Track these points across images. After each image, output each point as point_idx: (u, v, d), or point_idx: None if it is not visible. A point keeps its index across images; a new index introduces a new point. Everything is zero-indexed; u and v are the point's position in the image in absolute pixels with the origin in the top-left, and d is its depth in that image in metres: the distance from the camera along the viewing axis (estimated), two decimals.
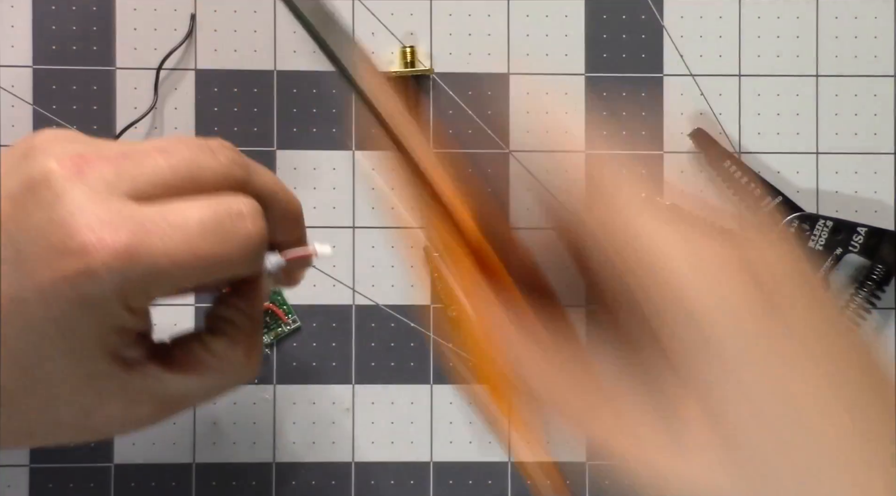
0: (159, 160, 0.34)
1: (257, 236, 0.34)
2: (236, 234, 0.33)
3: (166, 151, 0.34)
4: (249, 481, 0.50)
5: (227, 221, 0.33)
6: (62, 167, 0.32)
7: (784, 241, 0.32)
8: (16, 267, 0.32)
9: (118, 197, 0.32)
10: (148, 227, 0.32)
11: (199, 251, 0.32)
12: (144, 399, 0.35)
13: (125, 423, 0.35)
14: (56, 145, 0.34)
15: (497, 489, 0.51)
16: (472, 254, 0.36)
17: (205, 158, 0.34)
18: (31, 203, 0.32)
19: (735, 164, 0.50)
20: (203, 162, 0.34)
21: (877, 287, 0.50)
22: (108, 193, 0.32)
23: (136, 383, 0.35)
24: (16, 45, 0.51)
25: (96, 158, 0.33)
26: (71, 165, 0.33)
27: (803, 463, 0.29)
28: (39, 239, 0.32)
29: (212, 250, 0.33)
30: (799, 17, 0.52)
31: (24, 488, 0.50)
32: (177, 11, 0.51)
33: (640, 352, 0.33)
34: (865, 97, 0.52)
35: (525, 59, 0.52)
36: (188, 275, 0.32)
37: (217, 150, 0.35)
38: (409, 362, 0.51)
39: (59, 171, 0.32)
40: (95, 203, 0.32)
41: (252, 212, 0.34)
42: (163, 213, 0.32)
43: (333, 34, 0.35)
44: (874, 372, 0.30)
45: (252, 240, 0.33)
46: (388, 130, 0.36)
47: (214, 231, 0.33)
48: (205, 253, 0.32)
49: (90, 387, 0.34)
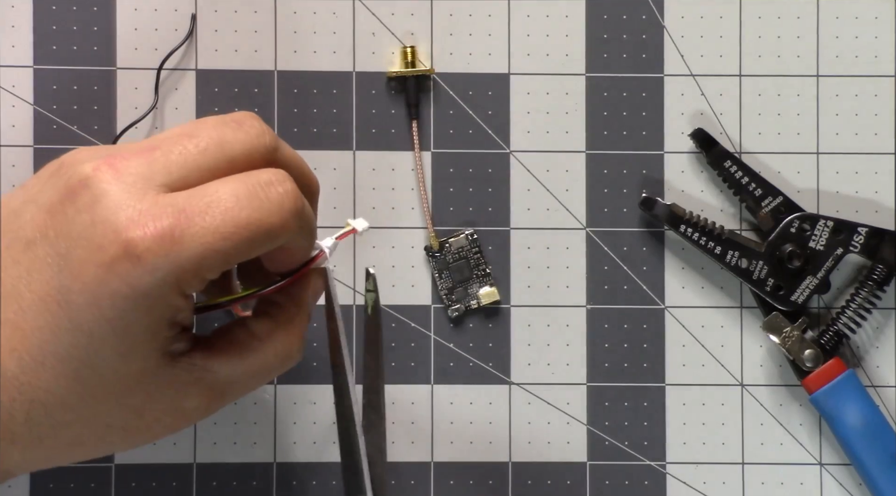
0: (188, 145, 0.35)
1: (291, 197, 0.35)
2: (270, 199, 0.34)
3: (193, 135, 0.35)
4: (250, 481, 0.50)
5: (260, 190, 0.34)
6: (97, 170, 0.33)
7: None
8: (62, 272, 0.33)
9: (155, 188, 0.33)
10: (187, 211, 0.33)
11: (238, 221, 0.33)
12: (192, 391, 0.35)
13: (175, 419, 0.36)
14: (85, 155, 0.35)
15: (497, 489, 0.51)
16: None
17: (232, 133, 0.35)
18: (72, 209, 0.33)
19: (735, 164, 0.50)
20: (231, 137, 0.35)
21: (877, 287, 0.50)
22: (144, 186, 0.33)
23: (183, 375, 0.35)
24: (16, 45, 0.51)
25: (127, 155, 0.34)
26: (105, 167, 0.33)
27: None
28: (83, 241, 0.33)
29: (250, 218, 0.34)
30: (800, 17, 0.52)
31: (25, 488, 0.50)
32: (177, 11, 0.51)
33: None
34: (866, 97, 0.52)
35: (525, 59, 0.52)
36: (234, 248, 0.33)
37: (243, 121, 0.36)
38: (409, 362, 0.51)
39: (95, 174, 0.33)
40: (134, 197, 0.33)
41: (280, 178, 0.35)
42: (199, 194, 0.34)
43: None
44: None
45: (286, 201, 0.34)
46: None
47: (249, 200, 0.34)
48: (244, 221, 0.33)
49: (140, 385, 0.34)
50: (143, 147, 0.35)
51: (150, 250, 0.32)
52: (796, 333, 0.50)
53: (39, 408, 0.34)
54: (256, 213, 0.34)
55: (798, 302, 0.50)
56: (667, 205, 0.50)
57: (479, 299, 0.51)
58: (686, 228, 0.50)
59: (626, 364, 0.51)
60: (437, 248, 0.51)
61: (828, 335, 0.50)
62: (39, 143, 0.50)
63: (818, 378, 0.50)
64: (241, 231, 0.33)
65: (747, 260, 0.50)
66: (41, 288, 0.33)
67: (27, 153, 0.50)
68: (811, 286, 0.50)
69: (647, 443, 0.51)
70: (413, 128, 0.51)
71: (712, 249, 0.50)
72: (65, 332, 0.33)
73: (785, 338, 0.50)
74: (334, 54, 0.51)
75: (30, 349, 0.33)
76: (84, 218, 0.33)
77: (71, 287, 0.33)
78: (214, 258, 0.33)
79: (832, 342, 0.50)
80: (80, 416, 0.34)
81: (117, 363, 0.33)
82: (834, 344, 0.50)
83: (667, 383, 0.52)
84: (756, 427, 0.52)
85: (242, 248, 0.34)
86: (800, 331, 0.50)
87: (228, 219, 0.33)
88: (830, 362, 0.50)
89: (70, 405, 0.34)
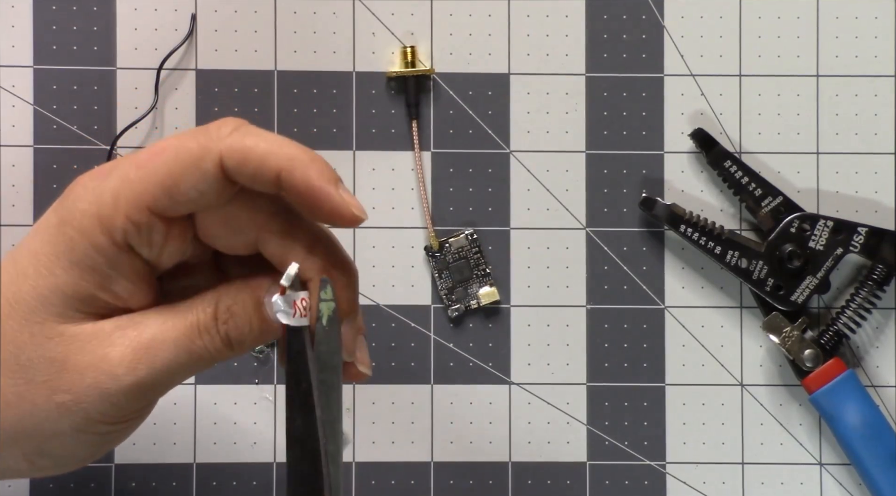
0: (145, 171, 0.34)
1: (227, 123, 0.34)
2: (197, 130, 0.34)
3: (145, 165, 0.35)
4: (250, 481, 0.51)
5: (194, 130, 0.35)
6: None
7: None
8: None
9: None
10: (127, 157, 0.34)
11: (153, 149, 0.34)
12: (116, 340, 0.34)
13: (102, 375, 0.34)
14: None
15: (497, 489, 0.51)
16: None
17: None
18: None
19: (735, 164, 0.50)
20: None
21: (877, 287, 0.50)
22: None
23: (107, 326, 0.35)
24: (16, 45, 0.51)
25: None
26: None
27: None
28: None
29: (166, 143, 0.34)
30: (800, 17, 0.52)
31: (25, 488, 0.50)
32: (177, 11, 0.51)
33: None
34: (866, 97, 0.52)
35: (525, 59, 0.52)
36: (151, 176, 0.33)
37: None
38: (409, 362, 0.51)
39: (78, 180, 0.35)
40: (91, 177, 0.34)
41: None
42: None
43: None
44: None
45: (212, 127, 0.34)
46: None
47: (175, 136, 0.34)
48: (159, 148, 0.33)
49: (62, 334, 0.35)
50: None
51: (79, 183, 0.34)
52: (796, 333, 0.50)
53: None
54: (174, 140, 0.33)
55: (798, 302, 0.50)
56: (667, 205, 0.50)
57: (479, 299, 0.51)
58: (686, 228, 0.50)
59: (626, 364, 0.51)
60: (437, 248, 0.51)
61: (828, 335, 0.50)
62: (39, 143, 0.50)
63: (818, 378, 0.50)
64: (154, 158, 0.33)
65: (747, 260, 0.50)
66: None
67: (27, 153, 0.50)
68: (811, 286, 0.50)
69: (647, 443, 0.51)
70: (413, 128, 0.51)
71: (712, 249, 0.50)
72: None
73: (785, 338, 0.50)
74: (334, 54, 0.51)
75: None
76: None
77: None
78: (129, 189, 0.33)
79: (832, 342, 0.50)
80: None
81: (35, 302, 0.34)
82: (834, 344, 0.50)
83: (667, 383, 0.52)
84: (756, 427, 0.52)
85: (160, 177, 0.33)
86: (800, 331, 0.50)
87: (147, 150, 0.34)
88: (830, 362, 0.50)
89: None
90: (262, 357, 0.51)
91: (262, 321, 0.35)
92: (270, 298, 0.34)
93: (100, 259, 0.34)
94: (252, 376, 0.51)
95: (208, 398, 0.51)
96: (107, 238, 0.33)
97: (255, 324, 0.35)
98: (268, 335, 0.35)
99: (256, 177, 0.33)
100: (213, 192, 0.33)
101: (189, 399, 0.51)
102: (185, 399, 0.51)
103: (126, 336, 0.34)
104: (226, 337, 0.35)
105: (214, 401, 0.51)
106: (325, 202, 0.33)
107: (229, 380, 0.51)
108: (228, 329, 0.35)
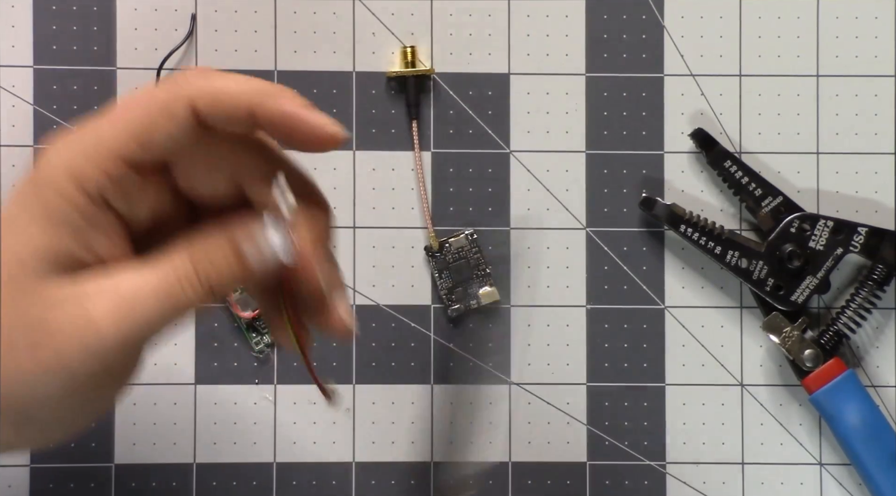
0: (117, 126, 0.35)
1: (193, 72, 0.34)
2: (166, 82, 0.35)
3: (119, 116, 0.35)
4: (250, 481, 0.51)
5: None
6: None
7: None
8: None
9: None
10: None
11: (124, 102, 0.34)
12: (96, 299, 0.34)
13: (82, 331, 0.34)
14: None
15: (498, 488, 0.51)
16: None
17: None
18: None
19: (736, 164, 0.50)
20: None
21: (877, 287, 0.50)
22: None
23: (89, 285, 0.34)
24: (16, 45, 0.51)
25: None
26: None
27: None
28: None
29: (134, 95, 0.34)
30: (800, 17, 0.52)
31: (25, 488, 0.50)
32: (177, 11, 0.51)
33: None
34: (866, 97, 0.52)
35: (525, 59, 0.52)
36: (122, 125, 0.33)
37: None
38: (409, 362, 0.51)
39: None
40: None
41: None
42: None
43: None
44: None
45: (179, 75, 0.34)
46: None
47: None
48: (128, 99, 0.34)
49: (38, 290, 0.34)
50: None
51: (52, 145, 0.34)
52: (796, 333, 0.50)
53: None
54: (143, 92, 0.34)
55: (798, 302, 0.50)
56: (667, 205, 0.50)
57: (479, 299, 0.51)
58: (686, 228, 0.50)
59: (626, 364, 0.51)
60: (437, 248, 0.51)
61: (828, 335, 0.50)
62: (39, 143, 0.50)
63: (818, 378, 0.50)
64: (126, 111, 0.34)
65: (747, 260, 0.50)
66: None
67: (27, 153, 0.50)
68: (811, 286, 0.50)
69: (647, 443, 0.51)
70: (413, 128, 0.51)
71: (712, 249, 0.50)
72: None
73: (785, 338, 0.50)
74: (334, 54, 0.51)
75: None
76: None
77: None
78: (102, 142, 0.33)
79: (832, 342, 0.50)
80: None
81: (14, 265, 0.34)
82: (834, 344, 0.50)
83: (667, 383, 0.52)
84: (756, 427, 0.52)
85: (133, 126, 0.33)
86: (800, 331, 0.50)
87: (118, 104, 0.34)
88: (830, 362, 0.50)
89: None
90: (262, 357, 0.51)
91: (240, 262, 0.35)
92: (251, 237, 0.35)
93: (75, 215, 0.34)
94: (252, 376, 0.51)
95: (208, 398, 0.51)
96: (81, 193, 0.33)
97: (234, 266, 0.35)
98: (247, 276, 0.35)
99: (229, 116, 0.33)
100: (186, 137, 0.34)
101: (189, 399, 0.51)
102: (185, 399, 0.51)
103: (106, 291, 0.34)
104: (206, 282, 0.35)
105: (214, 401, 0.51)
106: (302, 124, 0.34)
107: (229, 380, 0.51)
108: (209, 274, 0.35)
